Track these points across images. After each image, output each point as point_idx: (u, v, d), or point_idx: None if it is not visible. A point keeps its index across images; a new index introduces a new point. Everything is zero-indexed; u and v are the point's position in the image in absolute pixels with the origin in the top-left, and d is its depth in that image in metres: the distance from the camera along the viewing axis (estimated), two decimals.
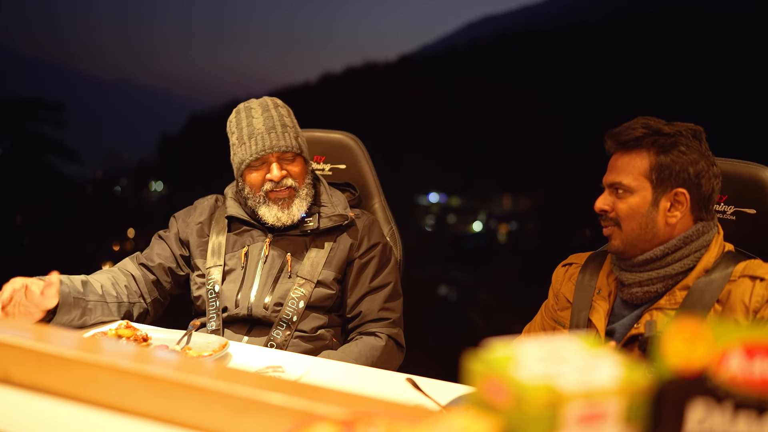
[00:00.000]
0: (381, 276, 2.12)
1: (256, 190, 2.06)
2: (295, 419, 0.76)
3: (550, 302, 1.93)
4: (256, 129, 2.04)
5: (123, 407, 0.88)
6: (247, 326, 2.04)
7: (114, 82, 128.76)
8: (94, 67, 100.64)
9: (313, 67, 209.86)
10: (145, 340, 1.77)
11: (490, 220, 23.58)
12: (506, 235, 22.39)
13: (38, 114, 17.98)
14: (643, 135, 1.63)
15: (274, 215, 2.05)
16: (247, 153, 2.04)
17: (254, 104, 2.10)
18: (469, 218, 23.99)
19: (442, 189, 24.28)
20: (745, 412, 0.58)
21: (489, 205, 24.55)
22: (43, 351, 0.91)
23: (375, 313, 2.07)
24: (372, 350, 1.98)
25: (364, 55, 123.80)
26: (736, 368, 0.58)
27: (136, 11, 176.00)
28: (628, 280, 1.68)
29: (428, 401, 1.46)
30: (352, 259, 2.10)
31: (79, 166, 21.40)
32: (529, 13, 65.47)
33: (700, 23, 28.08)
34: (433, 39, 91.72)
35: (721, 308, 1.56)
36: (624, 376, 0.59)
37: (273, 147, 2.03)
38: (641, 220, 1.63)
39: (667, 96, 23.75)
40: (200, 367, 0.85)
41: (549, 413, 0.57)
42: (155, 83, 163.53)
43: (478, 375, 0.62)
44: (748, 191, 1.80)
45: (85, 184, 24.83)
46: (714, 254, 1.63)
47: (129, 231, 18.88)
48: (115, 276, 2.08)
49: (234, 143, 2.09)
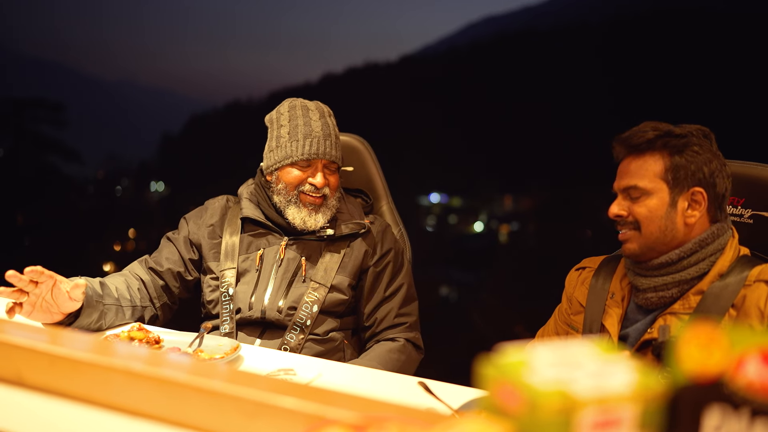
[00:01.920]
0: (395, 282, 2.13)
1: (291, 189, 2.07)
2: (307, 423, 0.76)
3: (563, 306, 1.92)
4: (314, 131, 2.05)
5: (134, 410, 0.88)
6: (260, 329, 2.04)
7: (115, 82, 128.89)
8: (95, 67, 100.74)
9: (314, 68, 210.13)
10: (157, 343, 1.77)
11: (492, 221, 23.56)
12: (507, 236, 22.38)
13: (39, 114, 17.99)
14: (655, 137, 1.63)
15: (301, 218, 2.06)
16: (299, 151, 2.04)
17: (311, 106, 2.11)
18: (470, 218, 23.97)
19: (444, 189, 24.27)
20: (762, 418, 0.58)
21: (490, 205, 24.53)
22: (55, 353, 0.91)
23: (391, 319, 2.09)
24: (390, 353, 2.00)
25: (365, 56, 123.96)
26: (753, 374, 0.57)
27: (137, 11, 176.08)
28: (643, 285, 1.68)
29: (440, 405, 1.46)
30: (366, 266, 2.11)
31: (80, 166, 21.43)
32: (530, 14, 65.45)
33: (702, 25, 28.06)
34: (434, 39, 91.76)
35: (735, 313, 1.55)
36: (638, 382, 0.58)
37: (326, 154, 2.05)
38: (661, 223, 1.63)
39: (668, 97, 23.75)
40: (212, 370, 0.85)
41: (562, 419, 0.56)
42: (156, 83, 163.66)
43: (491, 380, 0.62)
44: (765, 194, 1.79)
45: (86, 185, 24.83)
46: (729, 258, 1.62)
47: (130, 231, 18.89)
48: (128, 279, 2.08)
49: (282, 136, 2.08)
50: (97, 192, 25.14)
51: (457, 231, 23.75)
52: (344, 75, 41.52)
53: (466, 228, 23.81)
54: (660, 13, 32.51)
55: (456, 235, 23.40)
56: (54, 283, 1.75)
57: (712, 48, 26.30)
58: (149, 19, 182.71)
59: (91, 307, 1.86)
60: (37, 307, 1.75)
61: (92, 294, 1.87)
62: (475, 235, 23.27)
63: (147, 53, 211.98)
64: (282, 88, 47.89)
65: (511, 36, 44.75)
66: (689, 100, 22.55)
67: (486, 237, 22.94)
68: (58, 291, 1.76)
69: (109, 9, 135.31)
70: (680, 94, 24.02)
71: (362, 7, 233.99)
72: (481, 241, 22.88)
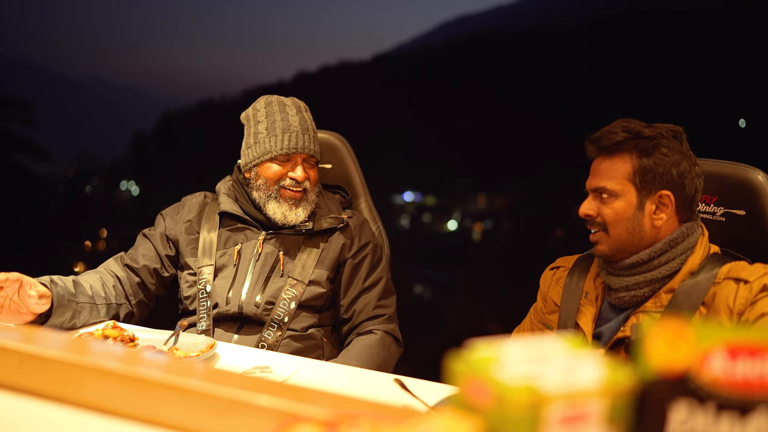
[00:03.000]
0: (374, 274, 2.14)
1: (271, 184, 2.07)
2: (280, 420, 0.76)
3: (538, 305, 1.93)
4: (292, 126, 2.06)
5: (108, 408, 0.87)
6: (237, 324, 2.03)
7: (86, 80, 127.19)
8: (65, 64, 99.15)
9: (288, 67, 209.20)
10: (132, 341, 1.76)
11: (465, 219, 23.67)
12: (481, 234, 22.49)
13: (8, 113, 17.69)
14: (625, 139, 1.63)
15: (282, 213, 2.06)
16: (278, 146, 2.05)
17: (287, 101, 2.12)
18: (444, 217, 24.06)
19: (417, 188, 24.32)
20: (727, 412, 0.59)
21: (464, 204, 24.64)
22: (26, 352, 0.89)
23: (370, 311, 2.09)
24: (370, 348, 2.00)
25: (339, 54, 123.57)
26: (719, 369, 0.59)
27: (109, 10, 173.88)
28: (616, 284, 1.69)
29: (416, 402, 1.46)
30: (344, 259, 2.12)
31: (50, 165, 21.10)
32: (504, 14, 65.75)
33: (675, 26, 28.44)
34: (407, 38, 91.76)
35: (706, 311, 1.56)
36: (607, 377, 0.59)
37: (305, 148, 2.06)
38: (628, 225, 1.63)
39: (641, 96, 24.02)
40: (183, 368, 0.84)
41: (531, 414, 0.57)
42: (128, 82, 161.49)
43: (461, 376, 0.62)
44: (737, 192, 1.80)
45: (57, 184, 24.48)
46: (699, 256, 1.64)
47: (101, 231, 18.66)
48: (103, 277, 2.06)
49: (260, 132, 2.08)
50: (68, 191, 24.80)
51: (431, 229, 23.81)
52: (318, 73, 41.43)
53: (439, 226, 23.89)
54: (634, 15, 32.87)
55: (430, 234, 23.46)
56: (20, 284, 1.74)
57: (686, 48, 26.65)
58: (121, 17, 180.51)
59: (63, 307, 1.84)
60: (5, 309, 1.73)
61: (64, 293, 1.85)
62: (448, 233, 23.35)
63: (119, 51, 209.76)
64: (256, 86, 47.60)
65: (485, 35, 44.95)
66: (663, 100, 22.82)
67: (460, 235, 23.03)
68: (23, 292, 1.75)
69: (79, 7, 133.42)
70: (654, 93, 24.31)
71: (336, 6, 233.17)
72: (455, 240, 22.97)
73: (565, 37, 32.97)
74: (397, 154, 25.38)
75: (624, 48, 29.20)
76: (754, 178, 1.79)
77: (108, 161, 38.16)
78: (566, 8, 43.52)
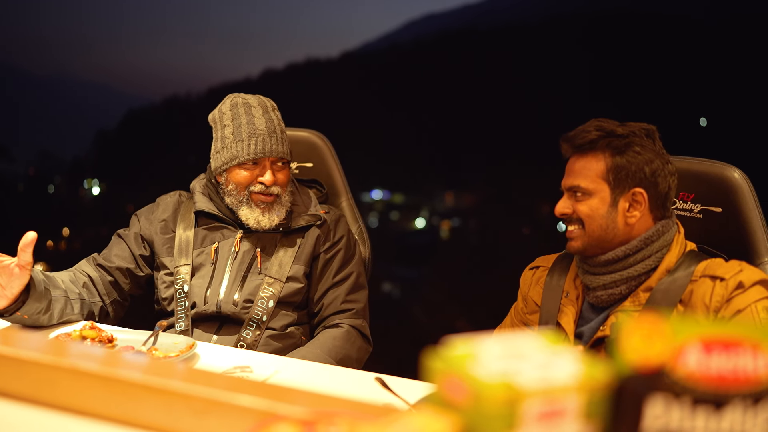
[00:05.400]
0: (345, 270, 2.13)
1: (241, 189, 2.04)
2: (258, 420, 0.76)
3: (519, 305, 1.94)
4: (258, 129, 2.02)
5: (87, 410, 0.86)
6: (216, 324, 2.02)
7: (48, 76, 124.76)
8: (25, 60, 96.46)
9: (255, 63, 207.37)
10: (111, 342, 1.74)
11: (433, 217, 23.74)
12: (449, 232, 22.58)
13: None
14: (598, 138, 1.65)
15: (255, 218, 2.04)
16: (244, 151, 2.01)
17: (253, 102, 2.08)
18: (411, 215, 24.10)
19: (386, 186, 24.33)
20: (702, 407, 0.59)
21: (432, 202, 24.71)
22: (3, 354, 0.88)
23: (338, 305, 2.08)
24: (334, 341, 1.99)
25: (306, 52, 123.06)
26: (694, 364, 0.59)
27: (71, 4, 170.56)
28: (593, 283, 1.70)
29: (397, 400, 1.46)
30: (317, 253, 2.11)
31: (9, 163, 20.70)
32: (471, 13, 66.06)
33: (645, 28, 28.86)
34: (375, 36, 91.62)
35: (683, 308, 1.59)
36: (583, 373, 0.60)
37: (273, 152, 2.02)
38: (602, 221, 1.65)
39: (611, 96, 24.30)
40: (163, 368, 0.84)
41: (507, 410, 0.57)
42: (91, 78, 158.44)
43: (438, 372, 0.63)
44: (713, 190, 1.82)
45: (17, 182, 24.03)
46: (675, 254, 1.66)
47: (64, 230, 18.36)
48: (75, 275, 2.03)
49: (226, 137, 2.05)
50: (28, 190, 24.35)
51: (399, 227, 23.84)
52: (285, 71, 41.19)
53: (407, 224, 23.92)
54: (600, 14, 33.27)
55: (398, 232, 23.49)
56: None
57: (658, 49, 27.04)
58: (83, 12, 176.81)
59: (38, 292, 1.79)
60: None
61: (39, 280, 1.81)
62: (416, 231, 23.41)
63: (81, 47, 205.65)
64: (222, 83, 47.15)
65: (453, 34, 45.12)
66: (634, 99, 23.14)
67: (428, 233, 23.09)
68: (4, 267, 1.72)
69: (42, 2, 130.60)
70: (623, 92, 24.63)
71: (302, 2, 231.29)
72: (423, 237, 23.04)
73: (532, 36, 33.25)
74: (365, 151, 25.37)
75: (591, 46, 29.54)
76: (731, 175, 1.81)
77: (70, 159, 37.56)
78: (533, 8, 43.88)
